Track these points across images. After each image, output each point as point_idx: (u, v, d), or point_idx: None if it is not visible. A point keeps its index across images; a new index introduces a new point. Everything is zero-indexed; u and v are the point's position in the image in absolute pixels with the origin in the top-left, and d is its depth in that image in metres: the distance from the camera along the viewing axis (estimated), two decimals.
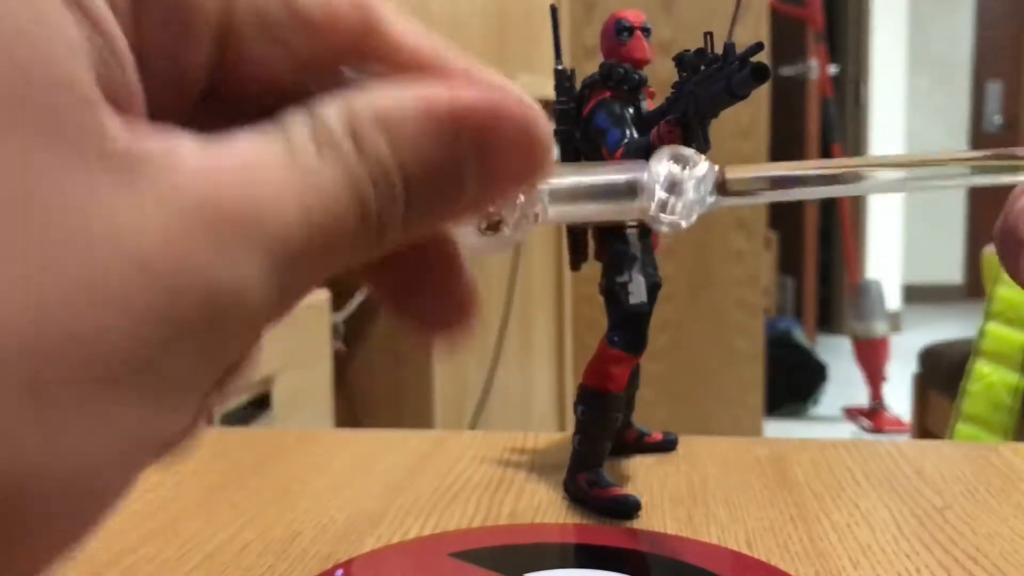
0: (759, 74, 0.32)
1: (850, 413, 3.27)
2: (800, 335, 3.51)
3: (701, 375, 2.26)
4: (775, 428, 3.03)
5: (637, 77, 0.42)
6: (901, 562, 0.37)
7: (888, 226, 4.69)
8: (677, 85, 0.37)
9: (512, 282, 1.58)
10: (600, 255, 0.43)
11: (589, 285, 0.49)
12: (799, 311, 4.20)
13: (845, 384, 3.52)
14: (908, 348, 2.66)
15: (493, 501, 0.43)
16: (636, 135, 0.40)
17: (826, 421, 3.31)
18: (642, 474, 0.47)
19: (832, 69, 3.78)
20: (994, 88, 5.27)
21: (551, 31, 0.44)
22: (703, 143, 0.35)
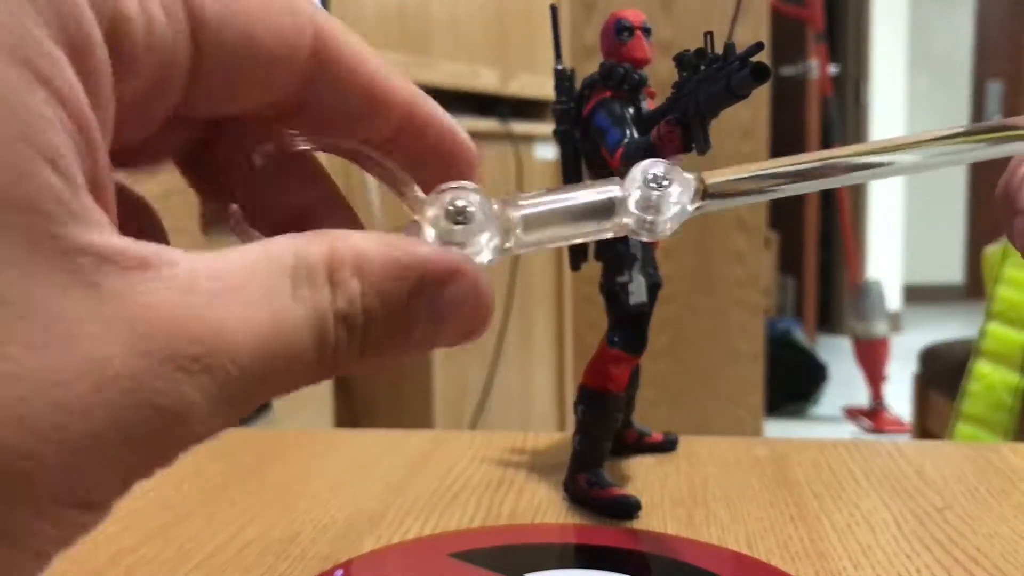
0: (759, 74, 0.32)
1: (850, 413, 3.27)
2: (800, 335, 3.51)
3: (701, 375, 2.26)
4: (775, 428, 3.03)
5: (637, 77, 0.42)
6: (901, 562, 0.37)
7: (888, 226, 4.69)
8: (677, 85, 0.37)
9: (512, 282, 1.58)
10: (600, 255, 0.43)
11: (589, 285, 0.49)
12: (799, 311, 4.20)
13: (845, 384, 3.51)
14: (908, 348, 2.66)
15: (493, 501, 0.43)
16: (636, 135, 0.40)
17: (826, 421, 3.31)
18: (642, 474, 0.47)
19: (832, 69, 3.78)
20: (994, 88, 5.27)
21: (551, 31, 0.44)
22: (703, 143, 0.35)
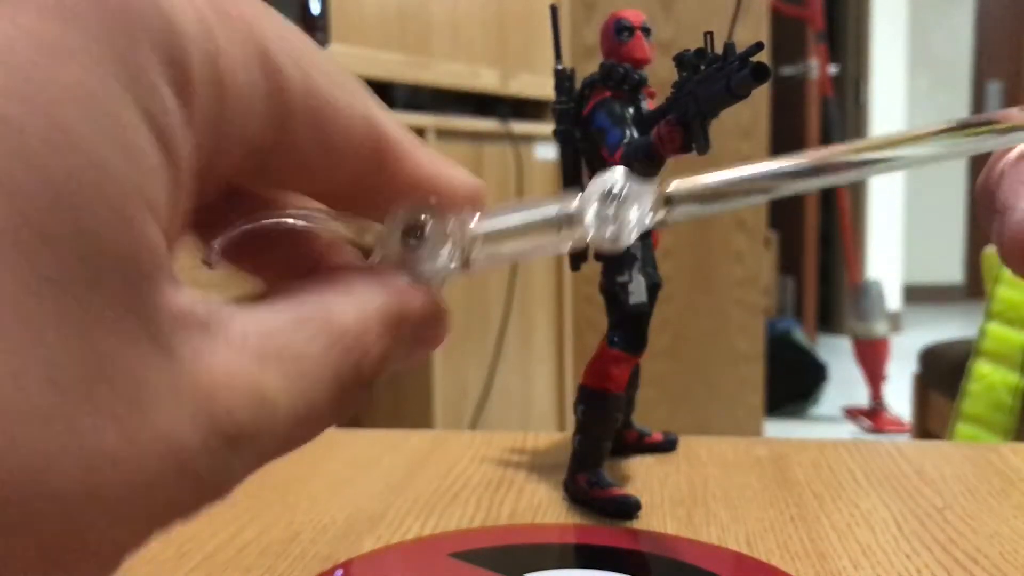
0: (759, 74, 0.32)
1: (850, 413, 3.27)
2: (800, 335, 3.51)
3: (701, 375, 2.26)
4: (775, 428, 3.03)
5: (637, 77, 0.42)
6: (901, 562, 0.37)
7: (888, 226, 4.69)
8: (677, 85, 0.37)
9: (512, 282, 1.58)
10: (600, 255, 0.43)
11: (589, 285, 0.49)
12: (799, 311, 4.20)
13: (845, 384, 3.52)
14: (908, 348, 2.66)
15: (493, 501, 0.43)
16: (636, 135, 0.40)
17: (826, 421, 3.31)
18: (642, 474, 0.47)
19: (832, 69, 3.78)
20: (994, 88, 5.27)
21: (551, 31, 0.44)
22: (703, 143, 0.35)
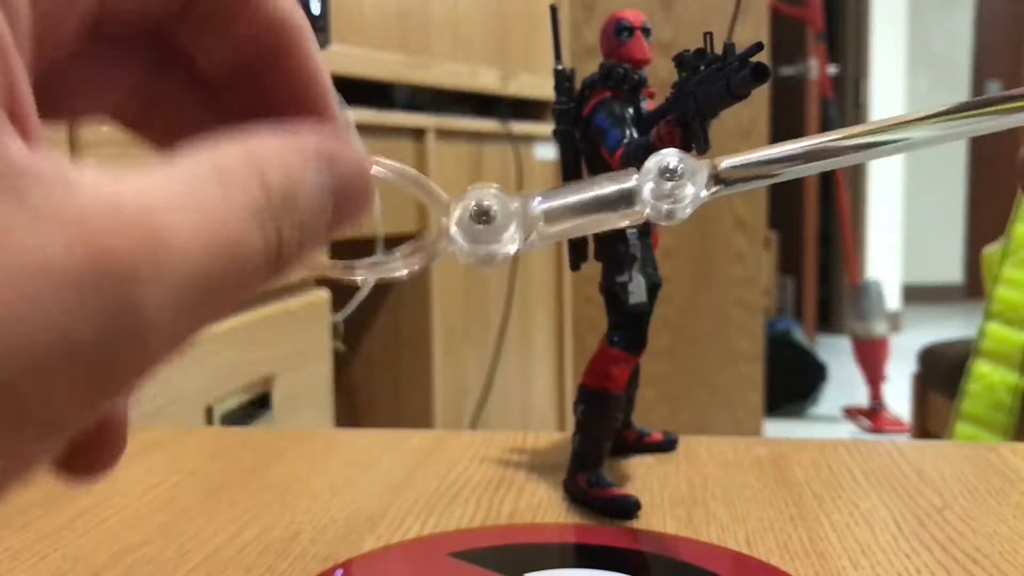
0: (759, 74, 0.32)
1: (850, 413, 3.27)
2: (800, 335, 3.51)
3: (701, 375, 2.26)
4: (775, 428, 3.03)
5: (637, 77, 0.42)
6: (901, 562, 0.37)
7: (888, 226, 4.69)
8: (677, 85, 0.37)
9: (512, 282, 1.58)
10: (600, 255, 0.43)
11: (589, 285, 0.49)
12: (799, 311, 4.20)
13: (845, 384, 3.51)
14: (908, 348, 2.65)
15: (493, 501, 0.43)
16: (636, 135, 0.40)
17: (826, 421, 3.31)
18: (642, 474, 0.47)
19: (832, 69, 3.78)
20: (994, 88, 5.26)
21: (551, 31, 0.44)
22: (703, 143, 0.35)
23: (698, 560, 0.36)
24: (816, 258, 4.23)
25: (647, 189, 0.21)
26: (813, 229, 4.14)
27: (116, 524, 0.41)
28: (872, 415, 3.19)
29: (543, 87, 1.63)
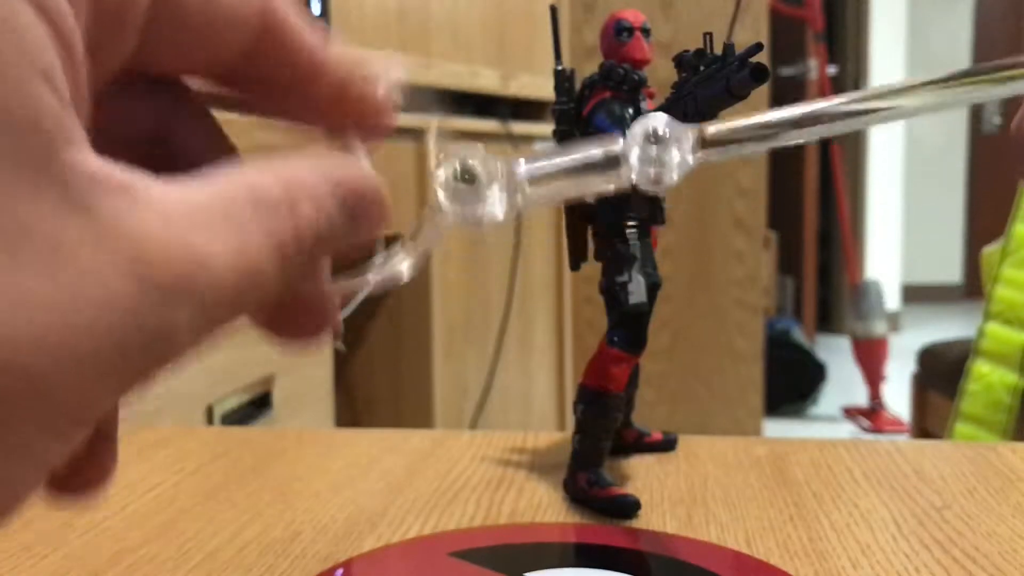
0: (759, 74, 0.32)
1: (849, 413, 3.27)
2: (800, 335, 3.51)
3: (701, 375, 2.26)
4: (775, 428, 3.03)
5: (637, 77, 0.42)
6: (900, 562, 0.37)
7: (887, 226, 4.69)
8: (677, 85, 0.37)
9: (512, 282, 1.58)
10: (600, 255, 0.43)
11: (589, 285, 0.49)
12: (799, 311, 4.20)
13: (844, 384, 3.52)
14: (907, 348, 2.66)
15: (493, 501, 0.43)
16: None
17: (825, 421, 3.31)
18: (642, 474, 0.47)
19: (832, 69, 3.78)
20: None
21: (551, 31, 0.44)
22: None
23: (698, 560, 0.36)
24: (816, 258, 4.24)
25: (633, 154, 0.21)
26: (813, 229, 4.15)
27: (116, 524, 0.41)
28: (871, 415, 3.19)
29: (543, 87, 1.63)
